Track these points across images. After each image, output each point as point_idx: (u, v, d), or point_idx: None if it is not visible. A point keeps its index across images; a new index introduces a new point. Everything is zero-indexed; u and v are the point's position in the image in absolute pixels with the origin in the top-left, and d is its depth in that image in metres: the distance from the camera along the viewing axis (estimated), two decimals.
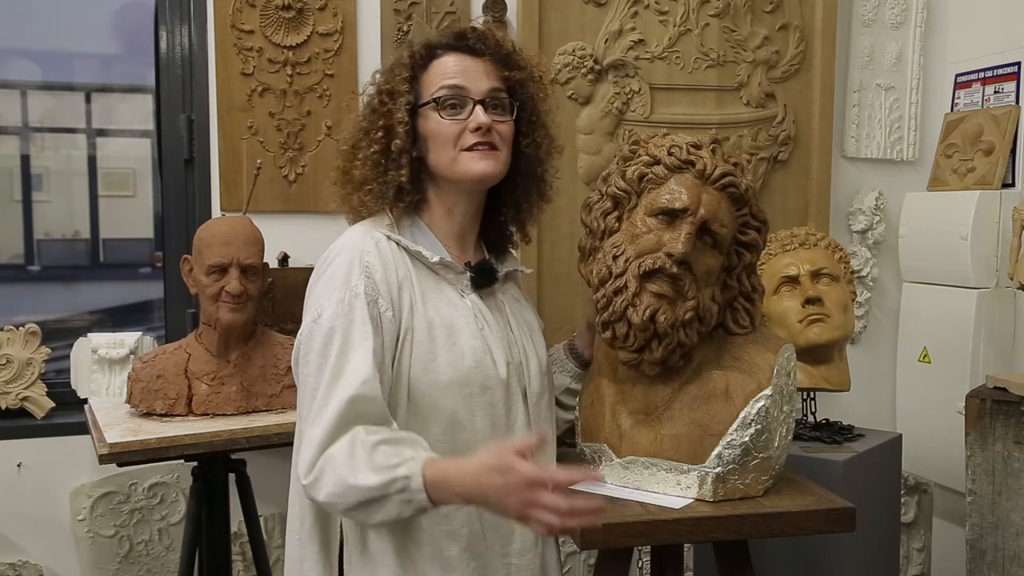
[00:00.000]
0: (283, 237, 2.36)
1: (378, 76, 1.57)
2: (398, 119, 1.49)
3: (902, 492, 2.58)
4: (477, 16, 2.48)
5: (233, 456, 2.12)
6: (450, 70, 1.51)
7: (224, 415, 2.07)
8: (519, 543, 1.51)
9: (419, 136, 1.52)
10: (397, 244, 1.49)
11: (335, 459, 1.32)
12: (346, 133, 1.58)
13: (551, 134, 1.63)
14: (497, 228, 1.65)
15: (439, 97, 1.49)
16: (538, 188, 1.63)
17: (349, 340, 1.38)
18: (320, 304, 1.42)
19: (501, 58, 1.54)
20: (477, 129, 1.48)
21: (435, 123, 1.49)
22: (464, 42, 1.53)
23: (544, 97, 1.60)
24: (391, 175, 1.49)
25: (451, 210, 1.55)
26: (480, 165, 1.49)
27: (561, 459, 1.77)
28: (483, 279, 1.55)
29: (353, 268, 1.43)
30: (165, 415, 2.05)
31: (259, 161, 2.36)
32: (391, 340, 1.43)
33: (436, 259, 1.50)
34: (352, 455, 1.32)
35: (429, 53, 1.54)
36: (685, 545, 2.05)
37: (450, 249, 1.54)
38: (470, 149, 1.49)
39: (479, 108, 1.49)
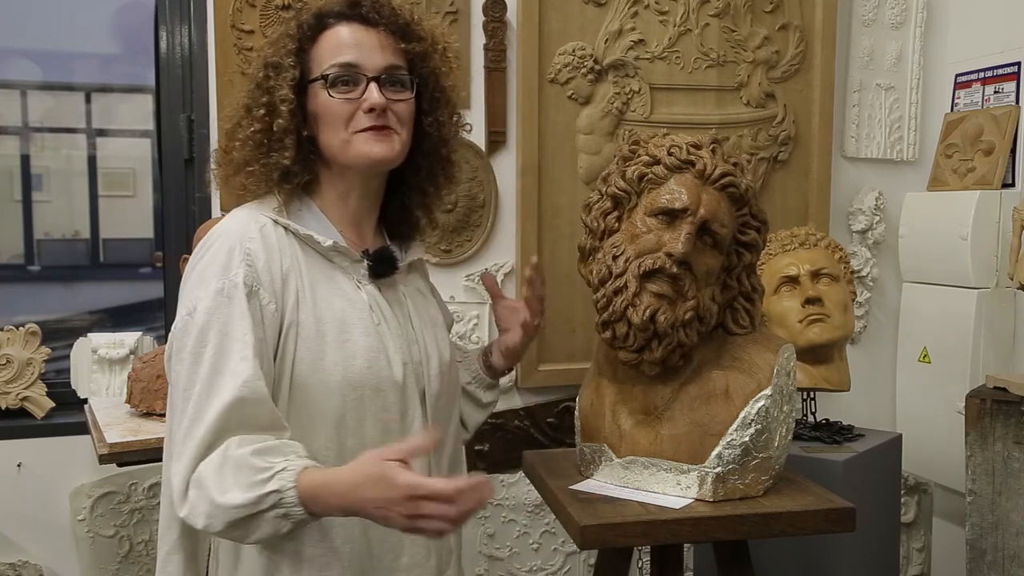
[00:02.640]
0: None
1: (265, 48, 1.43)
2: (280, 96, 1.35)
3: (902, 492, 2.58)
4: (472, 34, 2.47)
5: None
6: (342, 43, 1.37)
7: None
8: (408, 558, 1.38)
9: (308, 114, 1.38)
10: (285, 229, 1.36)
11: (203, 480, 1.21)
12: (228, 110, 1.43)
13: (456, 111, 1.49)
14: (400, 213, 1.51)
15: (328, 75, 1.35)
16: (444, 169, 1.49)
17: (228, 336, 1.26)
18: (195, 295, 1.29)
19: (398, 28, 1.40)
20: (371, 110, 1.34)
21: (325, 102, 1.36)
22: (357, 11, 1.39)
23: (448, 71, 1.45)
24: (274, 156, 1.35)
25: (346, 194, 1.41)
26: (376, 148, 1.35)
27: (560, 459, 1.78)
28: (382, 268, 1.41)
29: (233, 255, 1.30)
30: (165, 415, 2.05)
31: None
32: (272, 335, 1.30)
33: (329, 243, 1.36)
34: (220, 472, 1.20)
35: (319, 23, 1.40)
36: (685, 545, 2.05)
37: (346, 235, 1.41)
38: (364, 131, 1.35)
39: (373, 86, 1.35)
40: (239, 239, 1.32)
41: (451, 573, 1.48)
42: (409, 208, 1.51)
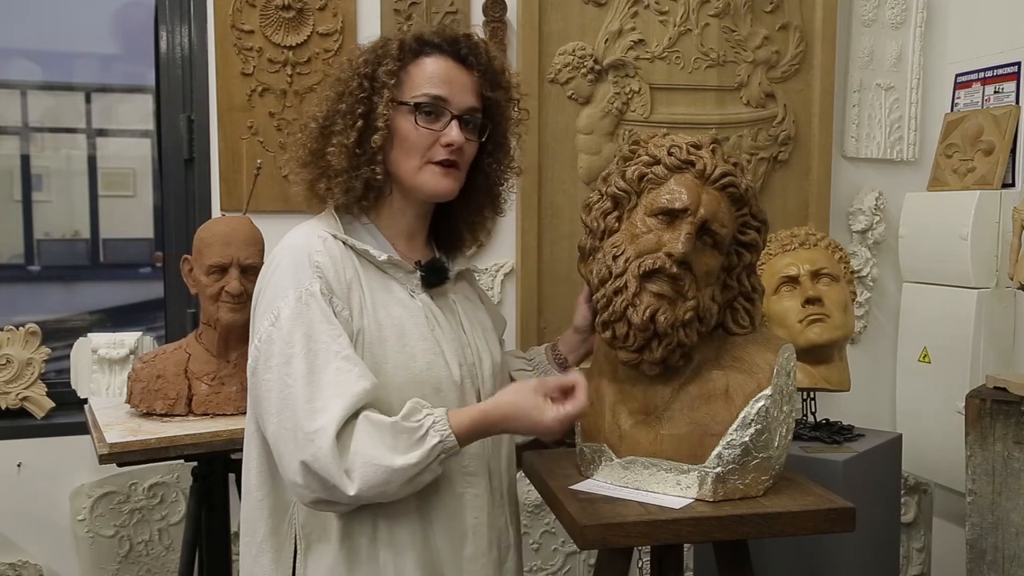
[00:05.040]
0: (283, 237, 2.36)
1: (358, 56, 1.49)
2: (380, 113, 1.43)
3: (902, 492, 2.58)
4: (475, 24, 2.47)
5: (233, 456, 2.11)
6: (436, 75, 1.46)
7: (224, 415, 2.07)
8: (472, 548, 1.48)
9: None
10: (343, 243, 1.44)
11: (366, 454, 1.29)
12: (316, 109, 1.49)
13: (513, 156, 1.61)
14: (448, 228, 1.62)
15: (420, 103, 1.45)
16: (492, 203, 1.62)
17: (316, 339, 1.33)
18: (275, 306, 1.36)
19: (489, 76, 1.51)
20: (448, 145, 1.45)
21: (409, 127, 1.45)
22: (456, 48, 1.49)
23: (518, 121, 1.58)
24: (363, 170, 1.44)
25: (403, 210, 1.52)
26: (442, 183, 1.47)
27: (560, 459, 1.78)
28: (434, 278, 1.52)
29: (303, 267, 1.38)
30: (165, 415, 2.05)
31: (259, 161, 2.36)
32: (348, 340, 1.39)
33: (384, 257, 1.45)
34: (379, 443, 1.30)
35: (419, 48, 1.48)
36: (685, 545, 2.05)
37: (399, 247, 1.51)
38: (436, 163, 1.46)
39: (455, 124, 1.45)
40: (306, 252, 1.40)
41: (510, 565, 1.58)
42: (456, 227, 1.62)
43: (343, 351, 1.34)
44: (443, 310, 1.52)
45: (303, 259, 1.39)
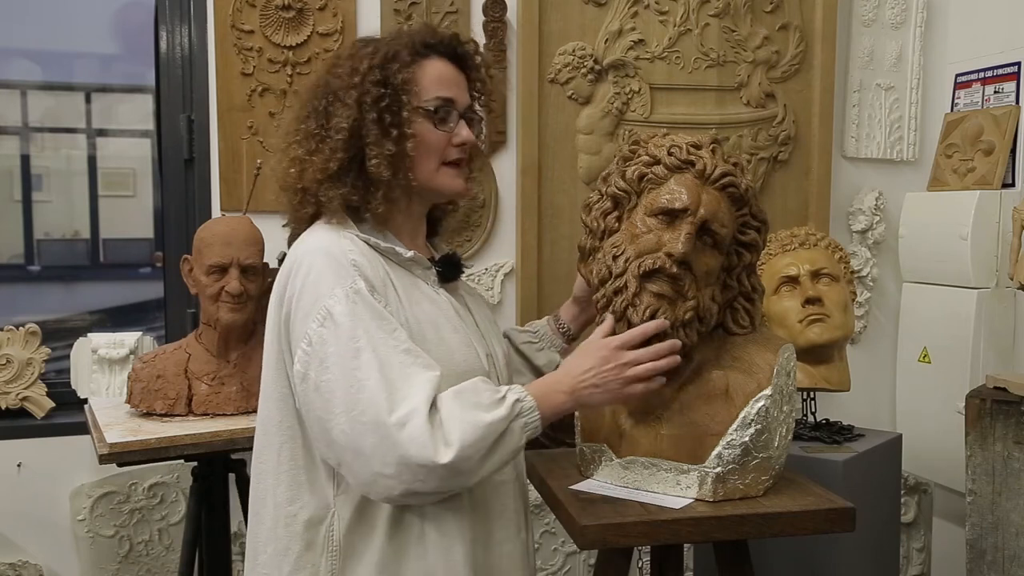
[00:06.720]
0: (283, 237, 2.35)
1: (365, 62, 1.46)
2: (406, 118, 1.44)
3: (902, 492, 2.58)
4: (475, 31, 2.48)
5: (233, 456, 2.12)
6: (444, 77, 1.48)
7: (224, 415, 2.07)
8: (501, 532, 1.49)
9: None
10: (366, 243, 1.44)
11: (453, 416, 1.30)
12: (340, 119, 1.43)
13: (483, 153, 1.66)
14: (432, 227, 1.65)
15: (437, 108, 1.46)
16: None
17: (373, 334, 1.32)
18: (323, 306, 1.34)
19: (477, 74, 1.54)
20: (461, 144, 1.48)
21: (426, 131, 1.46)
22: (452, 48, 1.51)
23: (491, 120, 1.63)
24: (400, 177, 1.45)
25: (410, 209, 1.53)
26: (458, 183, 1.50)
27: (560, 459, 1.78)
28: (450, 273, 1.55)
29: (342, 267, 1.37)
30: (165, 415, 2.06)
31: (259, 161, 2.36)
32: None
33: (409, 254, 1.47)
34: (464, 406, 1.31)
35: (425, 51, 1.49)
36: (685, 545, 2.05)
37: (409, 246, 1.52)
38: (450, 164, 1.48)
39: (463, 123, 1.49)
40: (340, 252, 1.39)
41: (531, 548, 1.60)
42: (437, 223, 1.65)
43: (402, 344, 1.34)
44: (460, 303, 1.55)
45: (340, 259, 1.38)
